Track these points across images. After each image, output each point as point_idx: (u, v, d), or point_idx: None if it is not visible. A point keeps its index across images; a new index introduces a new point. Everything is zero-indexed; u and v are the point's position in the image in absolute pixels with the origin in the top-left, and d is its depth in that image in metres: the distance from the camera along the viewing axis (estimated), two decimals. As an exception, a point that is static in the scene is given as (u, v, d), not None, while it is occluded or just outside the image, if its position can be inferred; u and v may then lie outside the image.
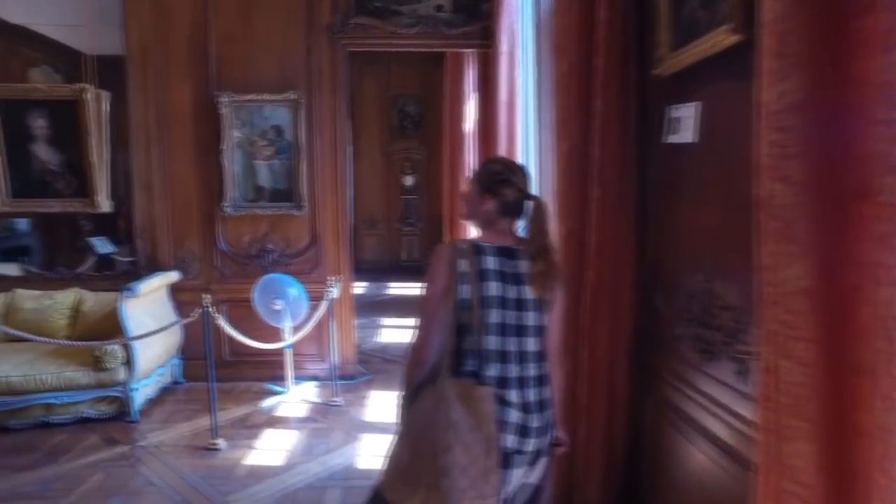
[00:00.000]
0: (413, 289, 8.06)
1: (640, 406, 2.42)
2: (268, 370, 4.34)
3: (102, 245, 4.84)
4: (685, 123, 1.98)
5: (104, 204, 4.23)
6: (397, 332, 5.93)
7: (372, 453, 3.29)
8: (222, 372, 4.04)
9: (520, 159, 3.87)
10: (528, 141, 4.05)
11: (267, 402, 4.06)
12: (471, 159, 6.15)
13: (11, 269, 4.64)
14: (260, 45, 4.30)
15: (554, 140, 2.63)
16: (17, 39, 4.46)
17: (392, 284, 8.30)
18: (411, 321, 5.53)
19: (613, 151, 2.31)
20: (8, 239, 4.95)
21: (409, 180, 9.50)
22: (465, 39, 4.54)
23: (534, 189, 1.79)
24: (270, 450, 3.37)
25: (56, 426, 3.66)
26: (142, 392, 3.88)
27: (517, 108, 4.10)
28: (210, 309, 3.39)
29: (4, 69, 4.31)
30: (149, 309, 4.01)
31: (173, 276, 4.35)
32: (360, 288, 7.17)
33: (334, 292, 4.11)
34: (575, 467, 2.49)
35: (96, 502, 2.86)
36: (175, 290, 4.38)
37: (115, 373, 3.69)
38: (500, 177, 1.68)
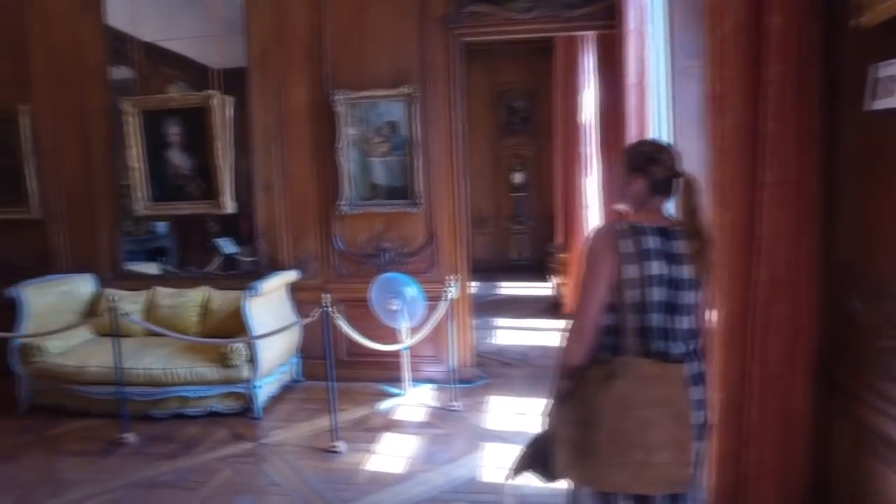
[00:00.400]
0: (525, 289, 7.81)
1: (828, 432, 2.00)
2: (384, 371, 4.27)
3: (227, 245, 5.04)
4: (905, 82, 1.57)
5: (228, 205, 4.40)
6: (513, 333, 5.69)
7: (497, 465, 3.07)
8: (339, 371, 3.99)
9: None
10: (661, 124, 3.67)
11: (384, 404, 3.99)
12: (589, 151, 5.76)
13: (152, 269, 4.96)
14: (373, 41, 4.25)
15: (707, 118, 2.27)
16: (157, 59, 4.80)
17: (503, 284, 8.07)
18: (527, 322, 5.34)
19: (791, 125, 1.93)
20: (149, 240, 5.30)
21: (518, 177, 9.25)
22: (586, 21, 4.22)
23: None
24: (390, 455, 3.27)
25: (190, 418, 3.82)
26: (265, 389, 3.95)
27: (648, 89, 3.71)
28: (330, 309, 3.35)
29: (147, 86, 4.63)
30: (270, 307, 4.08)
31: (292, 276, 4.41)
32: (471, 288, 7.02)
33: (453, 292, 3.95)
34: (744, 500, 2.11)
35: (226, 498, 2.90)
36: (294, 289, 4.44)
37: (240, 370, 3.78)
38: (649, 155, 1.71)
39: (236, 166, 4.41)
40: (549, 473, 1.72)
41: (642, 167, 1.70)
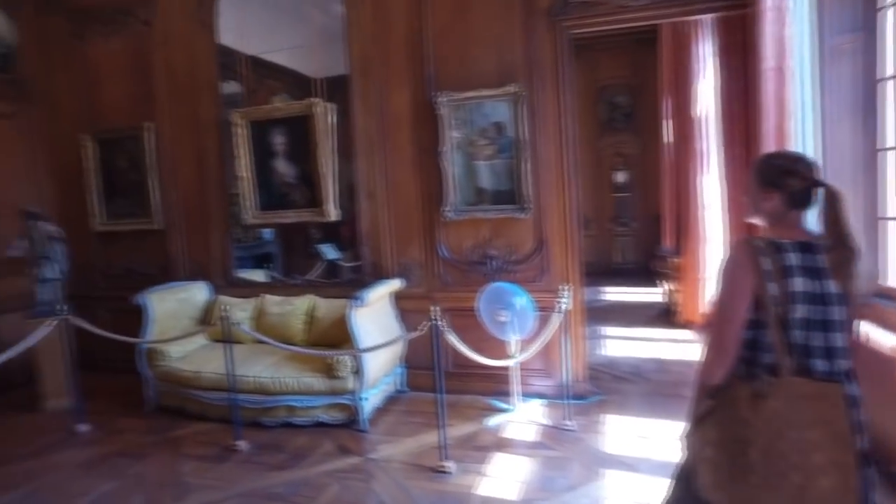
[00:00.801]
0: (631, 294, 7.35)
1: None
2: (491, 384, 4.07)
3: (328, 251, 5.08)
4: None
5: (332, 213, 4.40)
6: (624, 343, 5.30)
7: (621, 496, 2.78)
8: (445, 383, 3.87)
9: (792, 135, 3.13)
10: (805, 113, 3.22)
11: (493, 420, 3.78)
12: (706, 146, 5.27)
13: (259, 276, 5.10)
14: (475, 39, 4.08)
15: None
16: (262, 72, 4.96)
17: (608, 289, 7.65)
18: (637, 331, 4.95)
19: None
20: (256, 247, 5.47)
21: (620, 177, 8.78)
22: (710, 2, 3.79)
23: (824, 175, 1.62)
24: (503, 479, 3.06)
25: (298, 427, 3.82)
26: (370, 401, 3.89)
27: (790, 73, 3.26)
28: (439, 323, 3.19)
29: (253, 99, 4.78)
30: (375, 317, 4.02)
31: (396, 284, 4.33)
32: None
33: (566, 303, 3.68)
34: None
35: (336, 516, 2.83)
36: (398, 298, 4.36)
37: (346, 381, 3.73)
38: (784, 168, 1.64)
39: (339, 173, 4.40)
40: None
41: (777, 182, 1.63)
